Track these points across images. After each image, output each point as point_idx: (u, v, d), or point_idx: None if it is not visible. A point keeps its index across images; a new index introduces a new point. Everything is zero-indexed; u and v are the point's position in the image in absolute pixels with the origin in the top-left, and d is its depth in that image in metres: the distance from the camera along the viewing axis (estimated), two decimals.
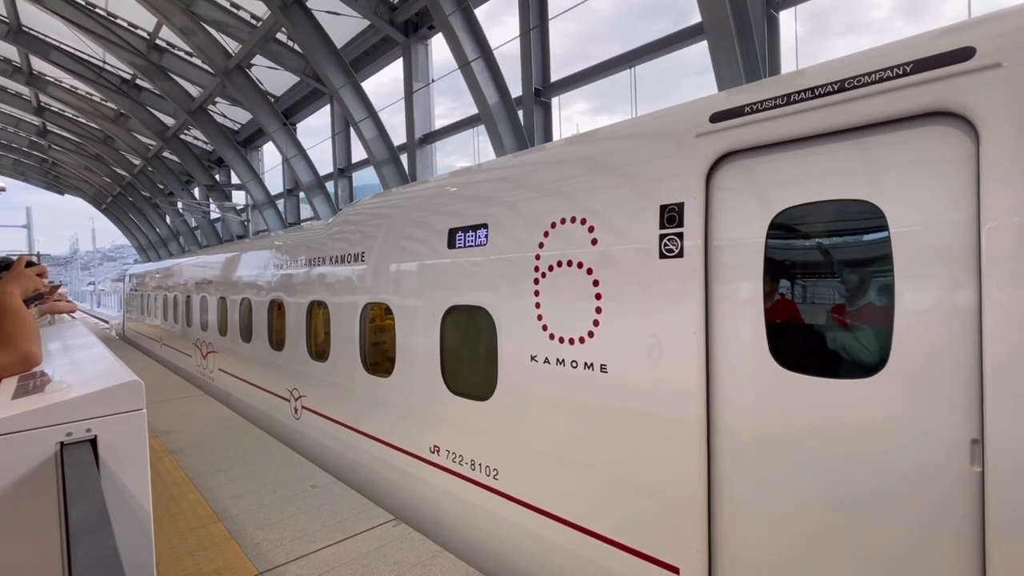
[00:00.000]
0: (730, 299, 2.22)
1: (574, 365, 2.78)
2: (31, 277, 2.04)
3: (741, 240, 2.21)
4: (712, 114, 2.37)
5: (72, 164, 29.35)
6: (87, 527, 0.99)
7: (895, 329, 1.83)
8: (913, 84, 1.80)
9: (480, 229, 3.40)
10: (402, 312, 4.07)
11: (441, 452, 3.65)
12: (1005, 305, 1.60)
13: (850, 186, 1.94)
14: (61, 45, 15.92)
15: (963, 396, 1.68)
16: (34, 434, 1.26)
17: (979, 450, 1.63)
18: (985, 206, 1.64)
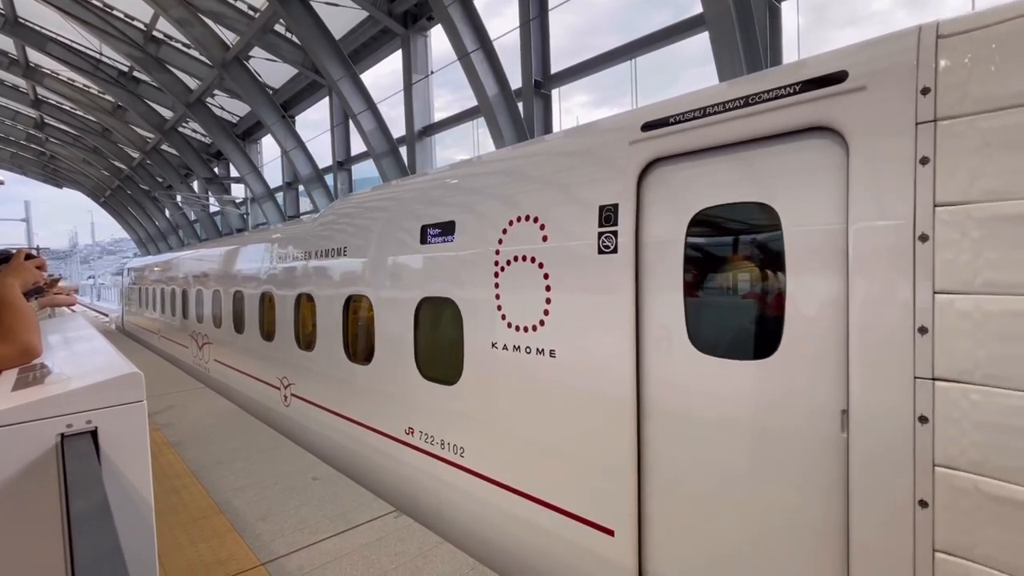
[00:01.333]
0: (656, 291, 2.51)
1: (528, 351, 3.07)
2: (30, 270, 2.04)
3: (665, 238, 2.49)
4: (643, 123, 2.61)
5: (70, 157, 29.25)
6: (88, 518, 0.99)
7: (785, 316, 2.11)
8: (799, 102, 2.06)
9: (448, 226, 3.67)
10: (380, 304, 4.34)
11: (415, 433, 3.93)
12: (864, 297, 1.87)
13: (752, 190, 2.23)
14: (58, 37, 15.81)
15: (835, 374, 1.97)
16: (34, 426, 1.26)
17: (846, 419, 1.93)
18: (851, 209, 1.91)
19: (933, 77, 1.76)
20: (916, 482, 1.75)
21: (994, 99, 1.64)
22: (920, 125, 1.77)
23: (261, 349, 6.50)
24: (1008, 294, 1.58)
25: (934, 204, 1.72)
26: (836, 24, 9.85)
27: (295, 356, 5.66)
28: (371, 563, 3.11)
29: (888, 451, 1.81)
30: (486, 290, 3.32)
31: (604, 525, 2.70)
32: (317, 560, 3.15)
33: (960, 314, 1.67)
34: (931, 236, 1.72)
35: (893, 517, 1.79)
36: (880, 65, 1.90)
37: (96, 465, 1.23)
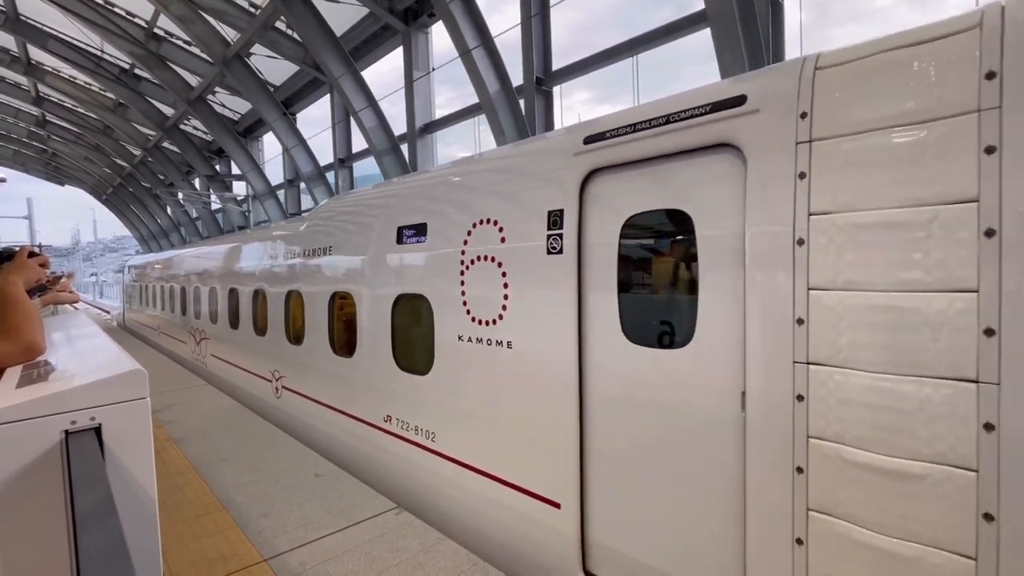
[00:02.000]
0: (595, 288, 2.79)
1: (488, 343, 3.36)
2: (33, 267, 2.05)
3: (602, 241, 2.76)
4: (585, 137, 2.88)
5: (72, 154, 29.27)
6: (93, 514, 1.00)
7: (698, 310, 2.40)
8: (709, 121, 2.34)
9: (422, 228, 3.95)
10: (361, 300, 4.63)
11: (393, 420, 4.22)
12: (757, 293, 2.16)
13: (672, 199, 2.52)
14: (59, 34, 15.80)
15: (737, 360, 2.24)
16: (39, 422, 1.27)
17: (744, 400, 2.20)
18: (747, 216, 2.18)
19: (810, 103, 2.05)
20: (795, 452, 2.04)
21: (853, 124, 1.93)
22: (799, 144, 2.05)
23: (254, 344, 6.77)
24: (859, 291, 1.88)
25: (809, 213, 2.01)
26: (838, 21, 9.80)
27: (285, 350, 5.93)
28: (373, 559, 3.12)
29: (774, 426, 2.10)
30: (454, 287, 3.60)
31: (552, 499, 3.00)
32: (319, 556, 3.17)
33: (827, 307, 1.95)
34: (806, 240, 2.01)
35: (777, 481, 2.08)
36: (771, 91, 2.19)
37: (100, 461, 1.24)
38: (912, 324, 1.77)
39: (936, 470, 1.73)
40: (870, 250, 1.86)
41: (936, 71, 1.77)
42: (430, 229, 3.87)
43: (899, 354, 1.80)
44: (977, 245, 1.67)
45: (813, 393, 1.98)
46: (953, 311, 1.69)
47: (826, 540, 1.96)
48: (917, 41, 1.84)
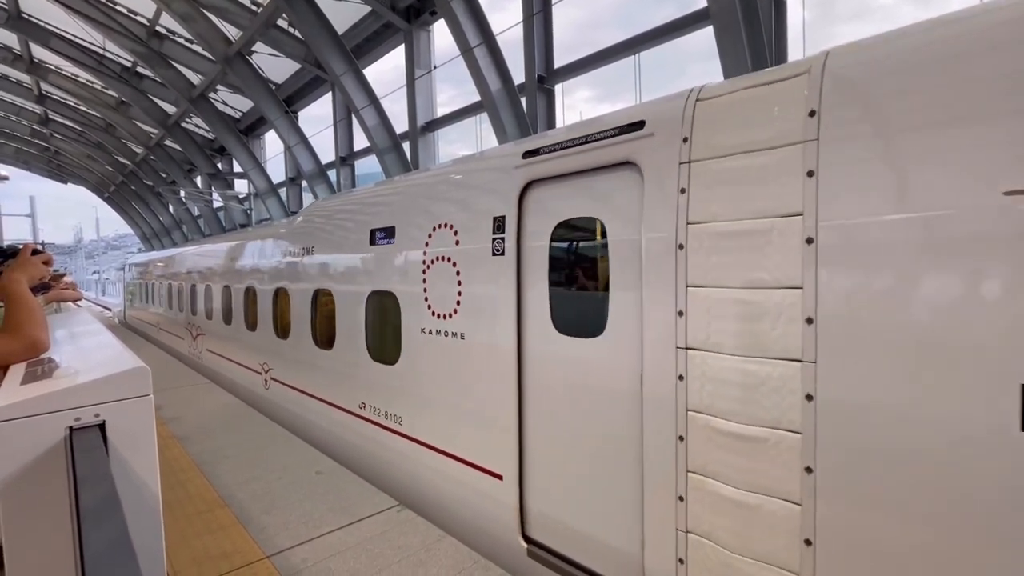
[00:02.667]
0: (530, 285, 3.17)
1: (445, 334, 3.75)
2: (37, 265, 2.06)
3: (536, 244, 3.14)
4: (524, 152, 3.25)
5: (74, 152, 29.31)
6: (98, 510, 1.01)
7: (609, 305, 2.76)
8: (616, 143, 2.72)
9: (391, 230, 4.34)
10: (339, 296, 5.02)
11: (367, 407, 4.61)
12: (650, 289, 2.53)
13: (589, 208, 2.91)
14: (61, 32, 15.81)
15: (637, 346, 2.58)
16: (44, 419, 1.28)
17: (641, 380, 2.57)
18: (644, 224, 2.55)
19: (690, 130, 2.41)
20: (677, 423, 2.42)
21: (719, 148, 2.29)
22: (681, 164, 2.42)
23: (245, 339, 7.23)
24: (722, 287, 2.25)
25: (687, 223, 2.37)
26: (842, 19, 9.76)
27: (273, 344, 6.34)
28: (374, 556, 3.14)
29: (662, 401, 2.47)
30: (417, 284, 3.98)
31: (496, 472, 3.38)
32: (321, 553, 3.18)
33: (699, 301, 2.32)
34: (685, 245, 2.38)
35: (665, 448, 2.46)
36: (663, 118, 2.54)
37: (104, 457, 1.25)
38: (757, 315, 2.14)
39: (773, 434, 2.10)
40: (729, 254, 2.24)
41: (777, 108, 2.14)
42: (398, 232, 4.27)
43: (749, 340, 2.16)
44: (801, 251, 2.03)
45: (690, 373, 2.37)
46: (785, 304, 2.06)
47: (700, 496, 2.34)
48: (767, 82, 2.22)
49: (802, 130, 2.04)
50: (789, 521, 2.05)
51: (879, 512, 1.84)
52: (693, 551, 2.37)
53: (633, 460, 2.62)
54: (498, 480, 3.34)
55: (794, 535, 2.04)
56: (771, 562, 2.10)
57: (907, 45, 1.92)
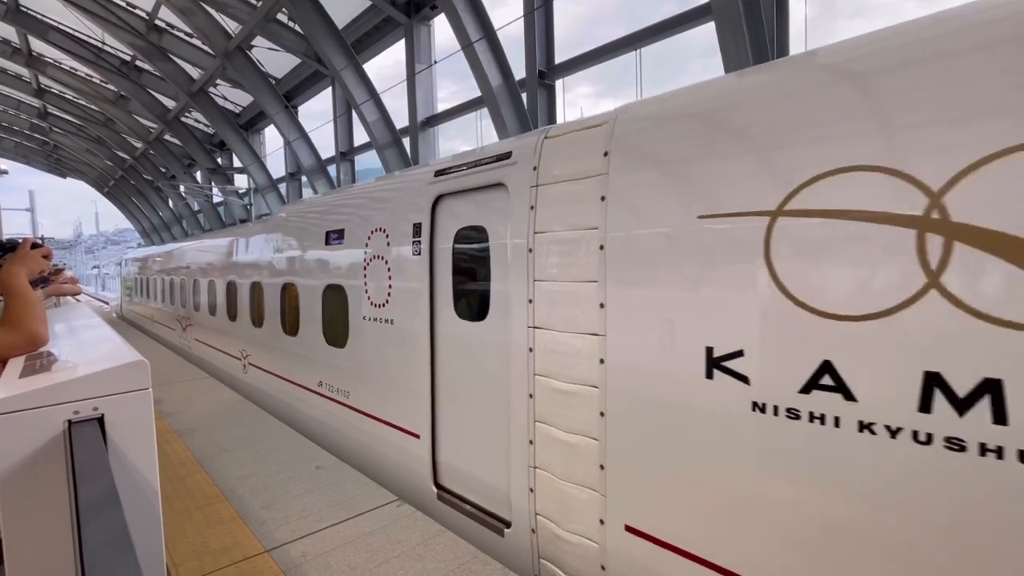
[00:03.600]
0: (439, 280, 3.86)
1: (380, 321, 4.45)
2: (36, 259, 2.05)
3: (443, 247, 3.83)
4: (435, 171, 3.96)
5: (73, 147, 29.24)
6: (96, 504, 1.01)
7: (491, 297, 3.42)
8: (493, 167, 3.42)
9: (341, 233, 5.05)
10: (302, 289, 5.75)
11: (323, 385, 5.30)
12: (514, 283, 3.19)
13: (478, 218, 3.59)
14: (59, 25, 15.74)
15: (507, 326, 3.25)
16: (42, 412, 1.28)
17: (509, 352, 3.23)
18: (510, 232, 3.24)
19: (538, 160, 3.09)
20: (528, 384, 3.07)
21: (554, 176, 3.00)
22: (532, 187, 3.10)
23: (227, 329, 7.92)
24: (554, 281, 2.94)
25: (534, 232, 3.07)
26: (844, 15, 9.71)
27: (251, 333, 7.03)
28: (374, 551, 3.15)
29: (520, 368, 3.12)
30: (359, 279, 4.68)
31: (414, 432, 4.07)
32: (320, 547, 3.19)
33: (542, 292, 3.00)
34: (533, 249, 3.07)
35: (522, 404, 3.13)
36: (523, 151, 3.24)
37: (103, 451, 1.25)
38: (575, 302, 2.82)
39: (582, 389, 2.78)
40: (558, 256, 2.93)
41: (588, 148, 2.83)
42: (346, 235, 4.97)
43: (570, 320, 2.84)
44: (597, 255, 2.70)
45: (536, 346, 3.04)
46: (589, 294, 2.74)
47: (542, 439, 3.02)
48: (585, 127, 2.92)
49: (600, 166, 2.74)
50: (591, 453, 2.75)
51: (643, 441, 2.54)
52: (539, 481, 3.07)
53: (504, 416, 3.28)
54: (416, 439, 4.04)
55: (594, 462, 2.74)
56: (582, 484, 2.81)
57: (660, 108, 2.71)
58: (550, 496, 2.97)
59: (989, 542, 1.62)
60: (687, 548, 2.37)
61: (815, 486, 1.97)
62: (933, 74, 1.78)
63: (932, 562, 1.71)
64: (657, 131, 2.63)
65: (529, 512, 3.11)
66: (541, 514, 3.05)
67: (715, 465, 2.27)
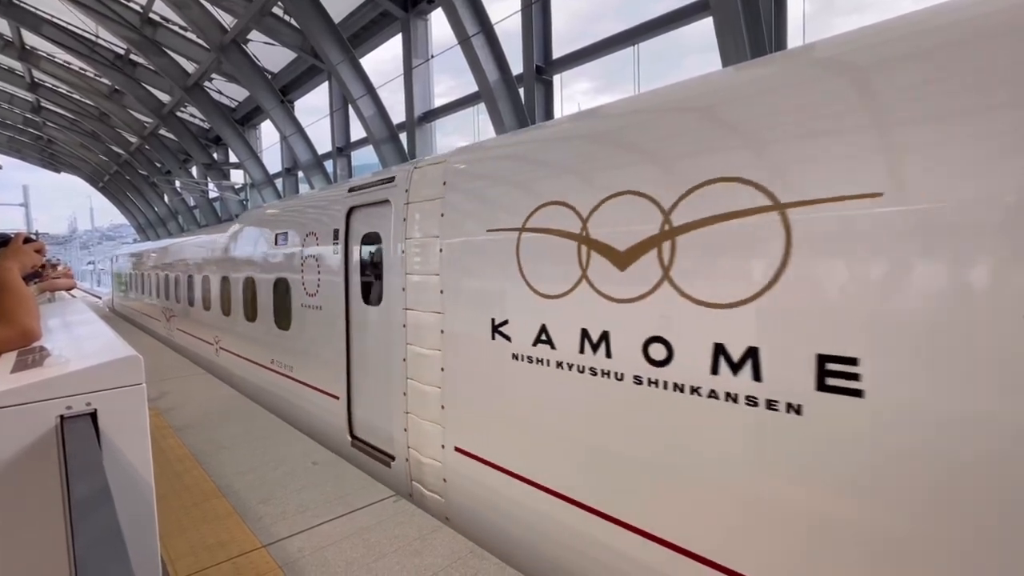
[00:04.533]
0: (351, 274, 4.88)
1: (311, 307, 5.51)
2: (29, 253, 2.03)
3: (353, 248, 4.85)
4: (348, 188, 5.01)
5: (67, 141, 29.01)
6: (89, 500, 1.00)
7: (384, 288, 4.37)
8: (381, 188, 4.45)
9: (285, 235, 6.17)
10: (259, 282, 6.84)
11: (274, 362, 6.36)
12: (399, 277, 4.17)
13: (376, 226, 4.56)
14: (53, 18, 15.58)
15: (393, 309, 4.24)
16: (34, 407, 1.26)
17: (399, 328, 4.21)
18: (392, 237, 4.24)
19: (410, 184, 4.12)
20: (404, 352, 4.10)
21: (418, 197, 4.00)
22: (405, 204, 4.11)
23: (202, 318, 9.07)
24: (417, 274, 3.95)
25: (405, 238, 4.08)
26: (842, 11, 9.69)
27: (221, 321, 8.11)
28: (371, 546, 3.15)
29: (400, 340, 4.14)
30: (299, 273, 5.68)
31: (336, 394, 5.05)
32: (318, 542, 3.19)
33: (410, 283, 4.02)
34: (405, 251, 4.08)
35: (400, 366, 4.15)
36: (401, 176, 4.26)
37: (96, 447, 1.24)
38: (428, 289, 3.84)
39: (432, 352, 3.81)
40: (418, 256, 3.95)
41: (435, 178, 3.88)
42: (290, 237, 6.06)
43: (426, 303, 3.88)
44: (438, 255, 3.77)
45: (408, 323, 4.06)
46: (435, 283, 3.78)
47: (412, 392, 4.04)
48: (434, 163, 3.99)
49: (441, 192, 3.79)
50: (437, 398, 3.78)
51: (462, 386, 3.61)
52: (410, 423, 4.07)
53: (392, 378, 4.27)
54: (337, 400, 5.01)
55: (439, 404, 3.77)
56: (432, 421, 3.84)
57: (473, 153, 3.91)
58: (416, 433, 4.02)
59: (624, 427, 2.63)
60: (490, 459, 3.40)
61: (542, 402, 3.05)
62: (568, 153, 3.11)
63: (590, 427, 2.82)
64: (470, 169, 3.78)
65: (404, 447, 4.14)
66: (412, 447, 4.07)
67: (497, 397, 3.34)
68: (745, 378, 2.14)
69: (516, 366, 3.12)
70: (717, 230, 2.21)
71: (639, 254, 2.50)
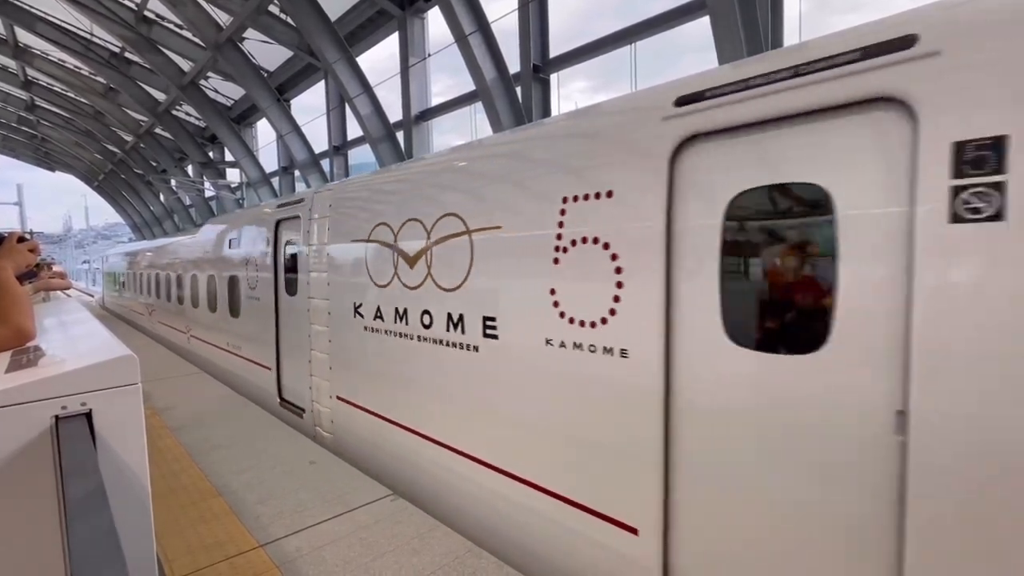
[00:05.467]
0: (279, 271, 6.03)
1: (252, 299, 6.65)
2: (23, 253, 2.02)
3: (280, 251, 5.99)
4: (278, 204, 6.22)
5: (62, 140, 28.85)
6: (84, 501, 1.00)
7: (298, 281, 5.59)
8: (296, 206, 5.70)
9: (237, 240, 7.31)
10: (218, 279, 7.93)
11: (229, 345, 7.48)
12: (307, 276, 5.39)
13: (293, 235, 5.77)
14: (47, 16, 15.48)
15: (321, 296, 5.16)
16: (28, 407, 1.26)
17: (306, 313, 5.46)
18: (311, 242, 5.33)
19: (312, 204, 5.35)
20: (310, 331, 5.30)
21: (316, 214, 5.24)
22: (308, 219, 5.35)
23: (177, 311, 10.27)
24: (314, 271, 5.22)
25: (309, 244, 5.32)
26: (839, 10, 9.71)
27: (191, 312, 9.32)
28: (368, 545, 3.14)
29: (307, 321, 5.31)
30: (244, 271, 6.89)
31: (269, 366, 6.22)
32: (315, 542, 3.19)
33: (312, 278, 5.27)
34: (308, 254, 5.32)
35: (306, 341, 5.37)
36: (308, 198, 5.46)
37: (91, 447, 1.23)
38: (320, 283, 5.10)
39: (324, 328, 5.07)
40: (315, 258, 5.18)
41: (325, 202, 5.13)
42: (243, 241, 7.12)
43: (319, 293, 5.10)
44: (326, 258, 5.03)
45: (311, 308, 5.25)
46: (324, 278, 5.05)
47: (314, 360, 5.26)
48: (325, 191, 5.21)
49: (328, 212, 5.04)
50: (327, 362, 5.00)
51: (339, 349, 4.87)
52: (313, 383, 5.29)
53: (302, 350, 5.41)
54: (269, 370, 6.22)
55: (328, 366, 4.99)
56: (324, 378, 5.07)
57: (341, 187, 5.18)
58: (316, 390, 5.26)
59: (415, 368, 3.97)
60: (358, 402, 4.65)
61: (380, 359, 4.36)
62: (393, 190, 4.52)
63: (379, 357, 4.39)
64: (345, 196, 5.01)
65: (310, 401, 5.36)
66: (314, 400, 5.31)
67: (358, 358, 4.67)
68: (459, 332, 3.52)
69: (366, 335, 4.48)
70: (447, 244, 3.60)
71: (418, 258, 3.84)
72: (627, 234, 2.53)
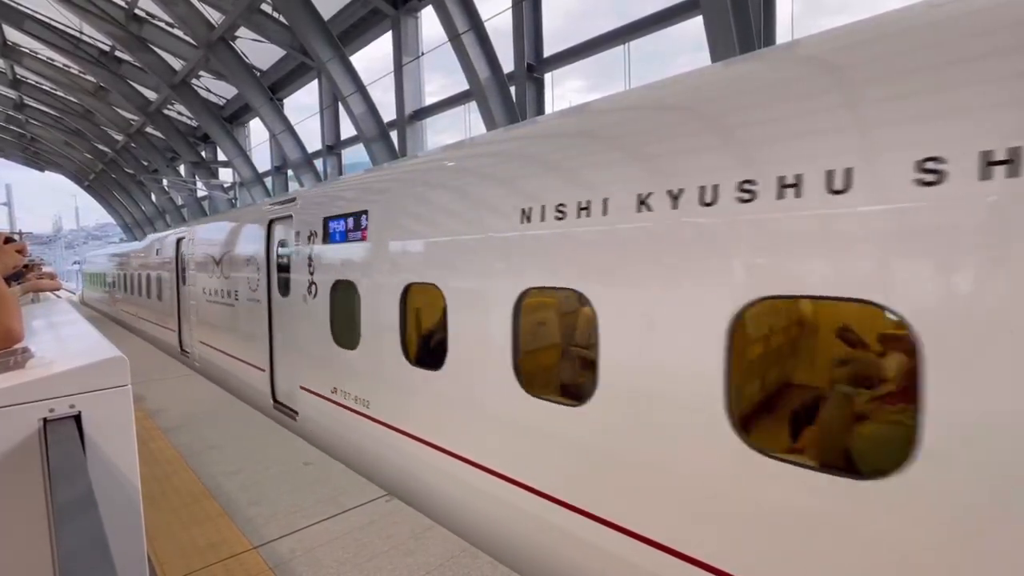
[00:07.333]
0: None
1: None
2: (10, 254, 1.99)
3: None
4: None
5: (51, 139, 28.54)
6: (72, 506, 0.98)
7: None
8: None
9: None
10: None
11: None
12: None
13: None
14: (36, 14, 15.30)
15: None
16: (15, 410, 1.24)
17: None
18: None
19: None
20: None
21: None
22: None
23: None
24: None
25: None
26: (829, 12, 9.78)
27: (131, 297, 10.86)
28: (363, 545, 3.13)
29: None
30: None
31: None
32: (309, 543, 3.17)
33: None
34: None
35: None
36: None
37: (80, 450, 1.21)
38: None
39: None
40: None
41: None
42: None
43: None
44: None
45: (185, 317, 8.50)
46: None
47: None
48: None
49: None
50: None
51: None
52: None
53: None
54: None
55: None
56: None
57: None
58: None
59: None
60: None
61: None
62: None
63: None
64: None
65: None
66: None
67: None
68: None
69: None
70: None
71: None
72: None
